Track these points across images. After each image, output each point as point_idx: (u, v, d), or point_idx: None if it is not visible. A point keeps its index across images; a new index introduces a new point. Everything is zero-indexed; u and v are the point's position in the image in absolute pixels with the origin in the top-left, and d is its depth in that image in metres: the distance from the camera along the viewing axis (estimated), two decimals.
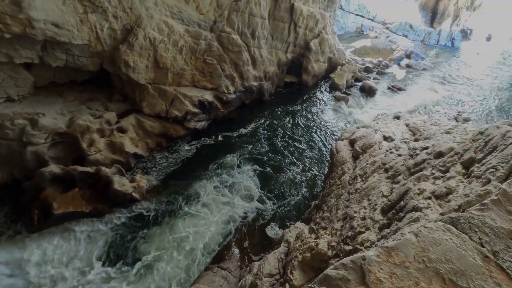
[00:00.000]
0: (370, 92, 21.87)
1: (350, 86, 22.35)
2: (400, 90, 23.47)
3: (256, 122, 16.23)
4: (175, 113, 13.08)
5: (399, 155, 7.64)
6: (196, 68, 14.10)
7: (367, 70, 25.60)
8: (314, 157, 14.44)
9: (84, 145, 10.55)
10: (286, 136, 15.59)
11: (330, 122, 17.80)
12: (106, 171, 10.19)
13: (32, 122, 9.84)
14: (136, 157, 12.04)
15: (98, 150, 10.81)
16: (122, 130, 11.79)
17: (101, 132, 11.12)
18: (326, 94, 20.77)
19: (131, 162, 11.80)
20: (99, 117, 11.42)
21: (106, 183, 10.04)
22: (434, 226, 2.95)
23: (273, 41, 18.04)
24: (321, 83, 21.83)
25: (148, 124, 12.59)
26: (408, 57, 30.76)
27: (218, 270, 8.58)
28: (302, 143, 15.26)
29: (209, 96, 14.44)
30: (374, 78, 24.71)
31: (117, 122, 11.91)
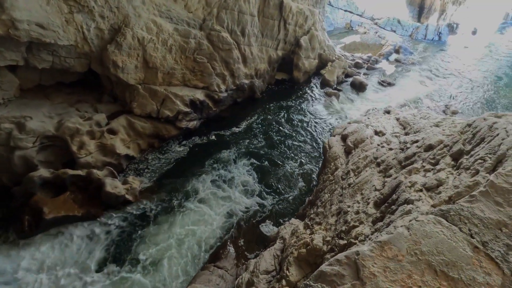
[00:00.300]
0: (360, 87, 22.07)
1: (341, 82, 22.51)
2: (390, 85, 23.75)
3: (248, 120, 16.22)
4: (167, 113, 12.96)
5: (390, 149, 7.75)
6: (186, 67, 13.97)
7: (357, 66, 25.80)
8: (308, 152, 14.53)
9: (74, 148, 10.37)
10: (279, 132, 15.63)
11: (322, 118, 17.91)
12: (98, 174, 10.04)
13: (19, 126, 9.61)
14: (128, 158, 11.90)
15: (89, 153, 10.63)
16: (112, 132, 11.62)
17: (91, 134, 10.94)
18: (317, 90, 20.87)
19: (123, 164, 11.65)
20: (89, 119, 11.22)
21: (98, 186, 9.89)
22: (425, 219, 3.00)
23: (263, 38, 17.99)
24: (312, 80, 21.92)
25: (139, 125, 12.44)
26: (397, 52, 31.12)
27: (214, 269, 8.57)
28: (295, 139, 15.33)
29: (200, 95, 14.34)
30: (364, 74, 24.93)
31: (107, 123, 11.73)
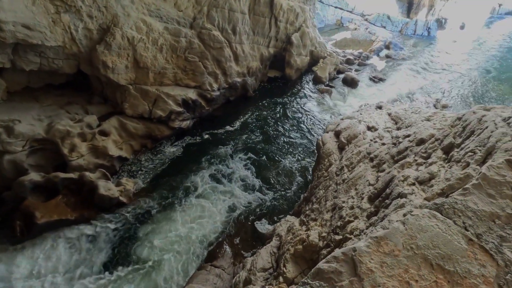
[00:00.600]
0: (352, 83, 22.23)
1: (332, 78, 22.62)
2: (381, 80, 23.98)
3: (242, 118, 16.20)
4: (159, 113, 12.85)
5: (383, 144, 7.83)
6: (177, 66, 13.85)
7: (349, 62, 25.96)
8: (303, 148, 14.59)
9: (65, 150, 10.20)
10: (273, 129, 15.65)
11: (315, 114, 17.99)
12: (90, 176, 9.91)
13: (7, 130, 9.40)
14: (120, 160, 11.77)
15: (81, 155, 10.48)
16: (104, 133, 11.47)
17: (82, 136, 10.78)
18: (310, 87, 20.94)
19: (116, 166, 11.53)
20: (79, 121, 11.05)
21: (91, 189, 9.77)
22: (420, 213, 3.03)
23: (254, 36, 17.94)
24: (304, 77, 21.98)
25: (131, 125, 12.30)
26: (387, 47, 31.40)
27: (211, 268, 8.57)
28: (289, 136, 15.37)
29: (192, 94, 14.24)
30: (356, 70, 25.10)
31: (98, 125, 11.57)
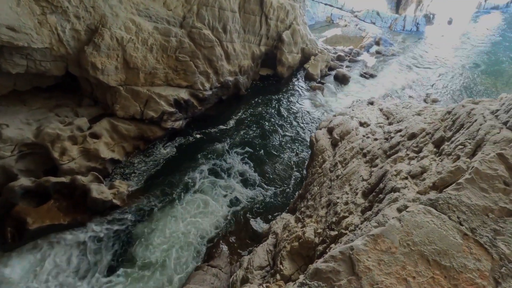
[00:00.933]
0: (343, 80, 22.37)
1: (324, 75, 22.72)
2: (372, 76, 24.18)
3: (235, 116, 16.16)
4: (151, 114, 12.71)
5: (375, 139, 7.91)
6: (168, 66, 13.72)
7: (340, 59, 26.10)
8: (296, 145, 14.64)
9: (55, 154, 10.02)
10: (266, 127, 15.65)
11: (308, 111, 18.05)
12: (82, 180, 9.77)
13: None
14: (113, 162, 11.62)
15: (72, 159, 10.31)
16: (95, 136, 11.30)
17: (73, 139, 10.60)
18: (302, 84, 21.00)
19: (109, 168, 11.38)
20: (70, 123, 10.86)
21: (84, 192, 9.62)
22: (415, 209, 3.05)
23: (245, 34, 17.88)
24: (296, 74, 22.02)
25: (123, 127, 12.14)
26: (377, 43, 31.66)
27: (208, 268, 8.55)
28: (283, 134, 15.40)
29: (184, 94, 14.13)
30: (347, 66, 25.26)
31: (89, 127, 11.40)
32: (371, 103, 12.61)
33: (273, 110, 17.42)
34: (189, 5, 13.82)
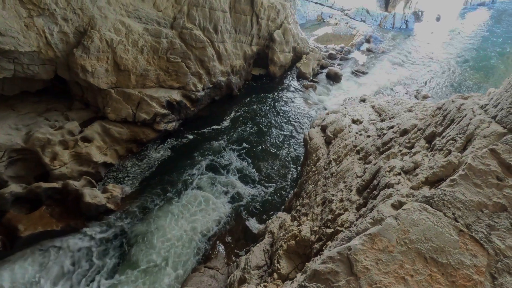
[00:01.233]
0: (335, 78, 22.51)
1: (316, 73, 22.82)
2: (363, 73, 24.39)
3: (228, 117, 16.13)
4: (143, 116, 12.59)
5: (368, 136, 7.97)
6: (160, 67, 13.61)
7: (331, 57, 26.25)
8: (291, 144, 14.66)
9: (46, 159, 9.85)
10: (259, 127, 15.65)
11: (301, 110, 18.10)
12: (75, 185, 9.62)
13: None
14: (106, 166, 11.48)
15: (63, 163, 10.15)
16: (87, 140, 11.15)
17: (64, 144, 10.43)
18: (294, 83, 21.05)
19: (101, 172, 11.24)
20: (60, 128, 10.69)
21: (76, 197, 9.49)
22: (411, 207, 3.06)
23: (236, 34, 17.84)
24: (288, 73, 22.07)
25: (115, 130, 12.00)
26: (367, 41, 31.94)
27: (205, 270, 8.51)
28: (276, 133, 15.41)
29: (177, 95, 14.04)
30: (338, 64, 25.42)
31: (80, 131, 11.23)
32: (363, 100, 12.71)
33: (266, 110, 17.43)
34: (179, 5, 13.73)
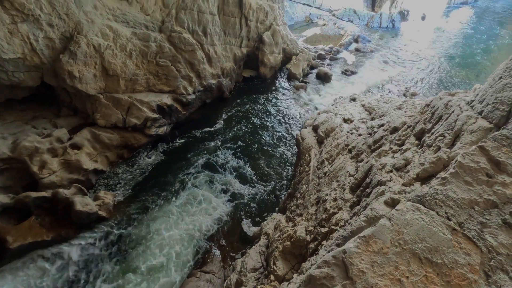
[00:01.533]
0: (325, 78, 22.70)
1: (306, 74, 22.98)
2: (353, 73, 24.67)
3: (220, 119, 16.08)
4: (134, 121, 12.44)
5: (360, 135, 8.05)
6: (149, 71, 13.47)
7: (321, 57, 26.48)
8: (283, 146, 14.69)
9: (34, 168, 9.62)
10: (251, 128, 15.64)
11: (292, 111, 18.19)
12: (65, 193, 9.42)
13: None
14: (96, 173, 11.28)
15: (52, 172, 9.93)
16: (76, 147, 10.94)
17: (52, 151, 10.21)
18: (285, 84, 21.14)
19: (92, 179, 11.03)
20: (48, 135, 10.46)
21: (67, 206, 9.28)
22: (404, 207, 3.06)
23: (226, 37, 17.83)
24: (279, 75, 22.17)
25: (105, 136, 11.81)
26: (356, 41, 32.34)
27: (201, 274, 8.43)
28: (267, 134, 15.42)
29: (167, 99, 13.92)
30: (328, 64, 25.66)
31: (69, 138, 11.01)
32: (353, 99, 12.85)
33: (258, 111, 17.45)
34: (167, 9, 13.64)
